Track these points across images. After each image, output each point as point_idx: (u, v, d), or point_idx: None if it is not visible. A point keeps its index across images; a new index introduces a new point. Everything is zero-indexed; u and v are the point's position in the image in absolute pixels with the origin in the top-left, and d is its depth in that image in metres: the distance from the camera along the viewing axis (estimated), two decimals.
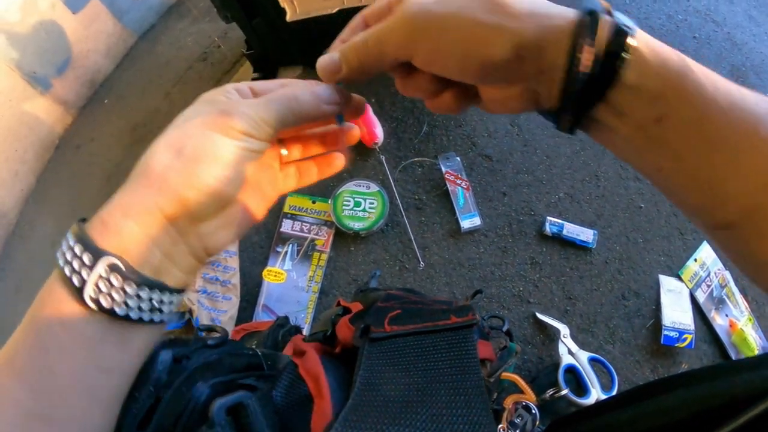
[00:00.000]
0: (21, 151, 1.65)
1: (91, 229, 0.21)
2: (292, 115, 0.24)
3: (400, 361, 0.26)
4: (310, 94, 0.25)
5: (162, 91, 1.60)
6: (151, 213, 0.21)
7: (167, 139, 0.22)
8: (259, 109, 0.23)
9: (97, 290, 0.19)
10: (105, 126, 1.65)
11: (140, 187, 0.21)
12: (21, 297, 1.50)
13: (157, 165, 0.21)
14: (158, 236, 0.21)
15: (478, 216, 1.01)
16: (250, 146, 0.23)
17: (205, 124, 0.22)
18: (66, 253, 0.20)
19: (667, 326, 0.92)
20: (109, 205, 0.22)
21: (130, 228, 0.20)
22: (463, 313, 0.28)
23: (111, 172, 1.54)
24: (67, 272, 0.20)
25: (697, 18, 1.31)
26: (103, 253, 0.19)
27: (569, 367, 0.89)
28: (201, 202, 0.22)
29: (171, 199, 0.21)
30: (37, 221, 1.63)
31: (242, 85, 0.26)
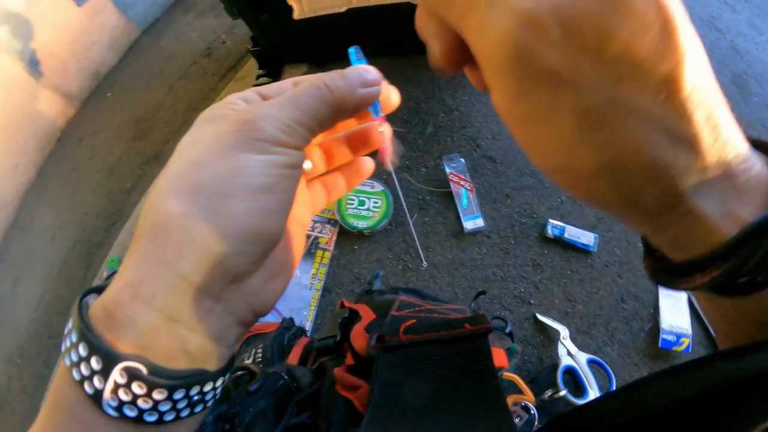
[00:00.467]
0: (22, 143, 1.64)
1: (97, 321, 0.15)
2: (327, 108, 0.18)
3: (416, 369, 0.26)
4: (341, 77, 0.19)
5: (165, 85, 1.60)
6: (173, 288, 0.15)
7: (174, 177, 0.16)
8: (286, 108, 0.17)
9: (117, 399, 0.15)
10: (108, 119, 1.65)
11: (151, 254, 0.15)
12: (20, 289, 1.50)
13: (169, 217, 0.15)
14: (188, 315, 0.15)
15: (482, 217, 1.02)
16: (286, 160, 0.17)
17: (221, 142, 0.16)
18: (71, 351, 0.15)
19: (665, 330, 0.93)
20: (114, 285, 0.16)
21: (145, 315, 0.15)
22: (477, 322, 0.27)
23: (113, 165, 1.54)
24: (76, 376, 0.15)
25: (701, 25, 1.32)
26: (117, 357, 0.14)
27: (568, 368, 0.90)
28: (240, 253, 0.16)
29: (197, 260, 0.15)
30: (37, 213, 1.62)
31: (248, 92, 0.20)
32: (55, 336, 1.34)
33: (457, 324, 0.27)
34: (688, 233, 0.14)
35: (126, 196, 1.46)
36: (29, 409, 1.27)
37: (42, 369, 1.30)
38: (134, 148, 1.54)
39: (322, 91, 0.18)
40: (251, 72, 1.44)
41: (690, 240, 0.14)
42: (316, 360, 0.40)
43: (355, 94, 0.19)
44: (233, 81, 1.48)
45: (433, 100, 1.20)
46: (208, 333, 0.16)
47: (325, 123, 0.19)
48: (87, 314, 0.15)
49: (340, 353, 0.37)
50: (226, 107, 0.18)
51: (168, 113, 1.55)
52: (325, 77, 0.19)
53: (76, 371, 0.15)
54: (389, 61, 1.31)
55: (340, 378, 0.30)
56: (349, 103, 0.19)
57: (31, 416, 1.30)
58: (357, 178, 0.25)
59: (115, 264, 1.30)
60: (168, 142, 1.49)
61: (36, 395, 1.27)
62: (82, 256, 1.43)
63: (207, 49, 1.61)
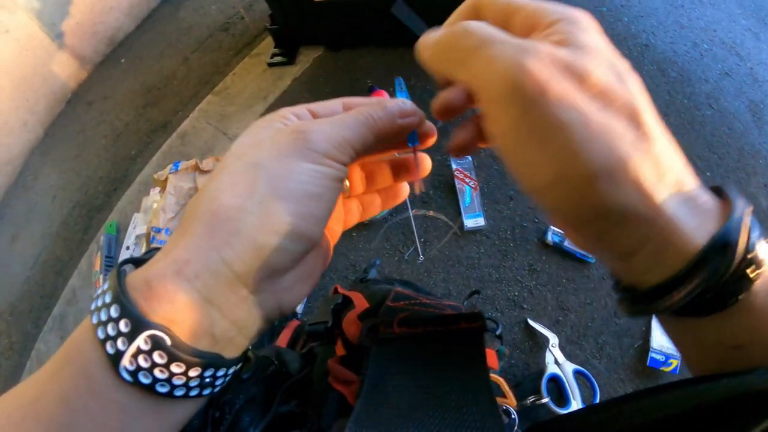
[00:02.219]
0: (32, 102, 1.64)
1: (134, 289, 0.16)
2: (371, 134, 0.20)
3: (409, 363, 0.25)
4: (382, 109, 0.21)
5: (180, 56, 1.60)
6: (216, 272, 0.16)
7: (234, 172, 0.18)
8: (337, 128, 0.19)
9: (135, 363, 0.15)
10: (119, 85, 1.64)
11: (201, 238, 0.16)
12: (17, 247, 1.50)
13: (225, 207, 0.16)
14: (223, 300, 0.16)
15: (483, 217, 1.02)
16: (333, 173, 0.18)
17: (278, 147, 0.18)
18: (101, 310, 0.16)
19: (654, 349, 0.93)
20: (158, 258, 0.17)
21: (185, 292, 0.16)
22: (473, 319, 0.27)
23: (120, 131, 1.54)
24: (101, 335, 0.15)
25: (722, 49, 1.30)
26: (147, 324, 0.15)
27: (553, 376, 0.90)
28: (284, 250, 0.17)
29: (245, 251, 0.16)
30: (41, 173, 1.62)
31: (299, 108, 0.21)
32: (47, 296, 1.34)
33: (453, 320, 0.27)
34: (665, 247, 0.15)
35: (131, 162, 1.46)
36: (14, 366, 1.27)
37: (31, 328, 1.31)
38: (143, 116, 1.54)
39: (368, 118, 0.20)
40: (267, 50, 1.43)
41: (666, 255, 0.15)
42: (306, 344, 0.40)
43: (395, 124, 0.21)
44: (248, 57, 1.47)
45: None
46: (236, 320, 0.17)
47: (369, 147, 0.20)
48: (124, 280, 0.16)
49: (330, 339, 0.36)
50: (279, 120, 0.20)
51: (180, 84, 1.55)
52: (369, 109, 0.21)
53: (102, 330, 0.15)
54: (405, 52, 1.30)
55: (333, 370, 0.30)
56: (389, 131, 0.21)
57: (16, 373, 1.30)
58: (393, 201, 0.27)
59: (113, 229, 1.30)
60: (178, 113, 1.48)
61: (23, 353, 1.27)
62: (82, 218, 1.44)
63: (225, 24, 1.60)
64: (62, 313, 1.28)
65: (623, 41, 1.30)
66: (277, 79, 1.37)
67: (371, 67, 1.31)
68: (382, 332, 0.27)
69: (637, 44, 1.30)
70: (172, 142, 1.40)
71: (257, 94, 1.38)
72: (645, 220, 0.15)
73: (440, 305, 0.34)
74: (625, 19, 1.34)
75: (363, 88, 1.24)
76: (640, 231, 0.15)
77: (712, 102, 1.21)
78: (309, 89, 1.34)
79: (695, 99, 1.21)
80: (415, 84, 1.25)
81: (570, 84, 0.15)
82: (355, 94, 1.07)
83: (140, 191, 1.35)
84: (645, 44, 1.30)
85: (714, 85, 1.23)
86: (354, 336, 0.32)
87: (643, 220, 0.15)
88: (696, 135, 1.16)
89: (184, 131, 1.41)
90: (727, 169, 1.11)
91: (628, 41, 1.30)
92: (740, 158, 1.12)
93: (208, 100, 1.44)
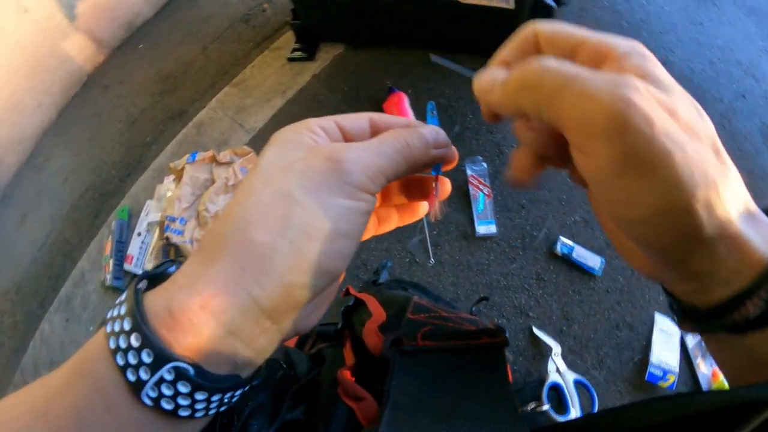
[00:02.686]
0: (48, 83, 1.64)
1: (155, 317, 0.16)
2: (405, 164, 0.19)
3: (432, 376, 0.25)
4: (418, 137, 0.20)
5: (199, 45, 1.60)
6: (242, 308, 0.16)
7: (265, 203, 0.17)
8: (373, 156, 0.18)
9: (157, 391, 0.15)
10: (136, 71, 1.64)
11: (228, 273, 0.16)
12: (26, 227, 1.51)
13: (256, 244, 0.16)
14: (247, 332, 0.16)
15: (495, 224, 1.03)
16: (366, 207, 0.18)
17: (311, 178, 0.17)
18: (119, 337, 0.15)
19: (653, 364, 0.95)
20: (180, 284, 0.16)
21: (210, 328, 0.16)
22: (495, 335, 0.27)
23: (135, 117, 1.54)
24: (120, 361, 0.15)
25: (738, 70, 1.31)
26: (170, 357, 0.15)
27: (554, 384, 0.91)
28: (310, 286, 0.17)
29: (273, 289, 0.16)
30: (53, 154, 1.63)
31: (328, 122, 0.20)
32: (54, 277, 1.35)
33: (476, 335, 0.27)
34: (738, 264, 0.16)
35: (145, 149, 1.47)
36: (18, 346, 1.28)
37: (37, 309, 1.32)
38: (159, 103, 1.54)
39: (404, 147, 0.19)
40: (287, 44, 1.43)
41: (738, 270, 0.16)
42: (315, 345, 0.40)
43: (429, 154, 0.21)
44: (268, 50, 1.47)
45: (465, 100, 1.21)
46: (258, 348, 0.17)
47: (400, 175, 0.20)
48: (143, 304, 0.16)
49: (339, 341, 0.36)
50: (308, 135, 0.19)
51: (198, 73, 1.55)
52: (405, 134, 0.20)
53: (121, 357, 0.15)
54: (425, 54, 1.31)
55: (343, 384, 0.29)
56: (422, 161, 0.20)
57: (19, 352, 1.31)
58: (410, 217, 0.26)
59: (125, 215, 1.31)
60: (194, 102, 1.49)
61: (27, 333, 1.28)
62: (93, 202, 1.44)
63: (245, 15, 1.60)
64: (69, 294, 1.29)
65: None
66: (297, 74, 1.38)
67: (391, 68, 1.31)
68: (406, 344, 0.27)
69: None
70: (188, 131, 1.41)
71: (276, 88, 1.38)
72: (728, 239, 0.16)
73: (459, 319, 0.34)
74: (645, 35, 1.35)
75: (382, 88, 1.25)
76: (721, 251, 0.16)
77: (725, 122, 1.22)
78: (328, 86, 1.34)
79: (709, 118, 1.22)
80: (434, 87, 1.26)
81: (666, 112, 0.15)
82: (373, 94, 1.09)
83: (154, 178, 1.36)
84: (663, 60, 1.29)
85: (728, 105, 1.24)
86: (375, 347, 0.32)
87: (727, 239, 0.16)
88: None
89: (201, 121, 1.41)
90: None
91: None
92: (749, 180, 1.10)
93: (225, 91, 1.44)
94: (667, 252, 0.17)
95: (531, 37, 0.19)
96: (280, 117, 1.34)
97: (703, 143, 0.16)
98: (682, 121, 0.16)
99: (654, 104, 0.15)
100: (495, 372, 0.25)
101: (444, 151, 0.22)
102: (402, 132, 0.20)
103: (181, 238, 1.09)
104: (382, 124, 0.21)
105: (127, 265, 1.21)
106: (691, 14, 1.40)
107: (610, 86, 0.15)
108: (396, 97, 1.17)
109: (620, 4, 1.41)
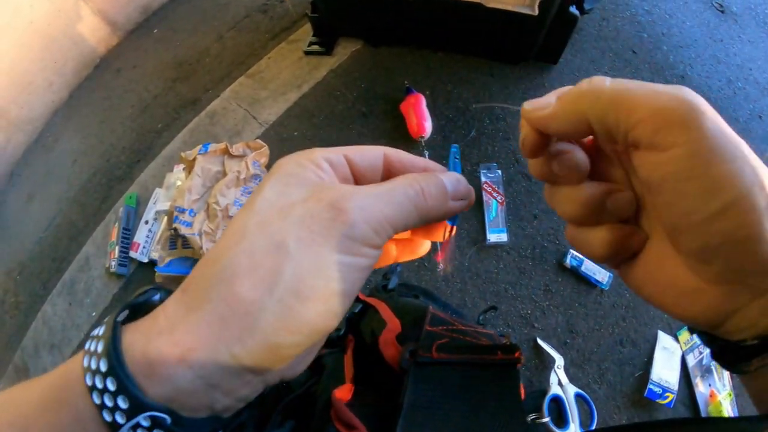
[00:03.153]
0: (60, 63, 1.63)
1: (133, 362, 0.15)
2: (416, 215, 0.18)
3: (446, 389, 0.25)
4: (437, 186, 0.18)
5: (215, 33, 1.58)
6: (222, 365, 0.15)
7: (254, 251, 0.15)
8: (381, 205, 0.16)
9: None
10: (150, 56, 1.63)
11: (210, 327, 0.15)
12: (32, 207, 1.50)
13: (240, 300, 0.15)
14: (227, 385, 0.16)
15: (506, 232, 1.02)
16: (368, 263, 0.17)
17: (310, 229, 0.15)
18: (96, 376, 0.15)
19: (653, 381, 0.95)
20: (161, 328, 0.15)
21: (188, 381, 0.15)
22: (509, 351, 0.27)
23: (148, 102, 1.53)
24: (96, 400, 0.14)
25: (756, 89, 1.30)
26: (147, 406, 0.14)
27: (555, 397, 0.91)
28: (296, 345, 0.16)
29: (256, 349, 0.15)
30: (62, 135, 1.62)
31: (336, 155, 0.18)
32: (59, 259, 1.35)
33: (490, 350, 0.27)
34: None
35: (156, 135, 1.46)
36: (19, 325, 1.28)
37: (39, 289, 1.32)
38: (172, 90, 1.52)
39: (419, 197, 0.18)
40: (304, 37, 1.42)
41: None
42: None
43: (446, 206, 0.19)
44: (285, 43, 1.45)
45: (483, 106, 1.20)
46: (239, 397, 0.17)
47: (410, 227, 0.18)
48: (120, 343, 0.15)
49: (341, 347, 0.36)
50: (312, 170, 0.17)
51: (213, 61, 1.53)
52: (422, 181, 0.18)
53: (98, 396, 0.14)
54: (445, 56, 1.30)
55: (337, 409, 0.29)
56: (437, 213, 0.18)
57: (20, 332, 1.31)
58: (410, 255, 0.24)
59: (132, 202, 1.30)
60: (208, 91, 1.47)
61: (29, 313, 1.28)
62: (101, 186, 1.44)
63: (264, 5, 1.58)
64: (73, 278, 1.29)
65: (661, 70, 1.30)
66: (313, 69, 1.36)
67: (409, 68, 1.30)
68: (421, 356, 0.27)
69: (674, 74, 1.30)
70: (201, 120, 1.40)
71: (291, 81, 1.37)
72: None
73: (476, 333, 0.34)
74: (665, 48, 1.34)
75: (399, 88, 1.24)
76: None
77: None
78: (344, 83, 1.33)
79: None
80: (452, 90, 1.25)
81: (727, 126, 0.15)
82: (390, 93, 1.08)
83: (164, 166, 1.35)
84: (681, 75, 1.30)
85: (743, 125, 1.24)
86: (392, 357, 0.32)
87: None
88: None
89: (214, 111, 1.40)
90: None
91: (665, 71, 1.30)
92: None
93: (240, 81, 1.42)
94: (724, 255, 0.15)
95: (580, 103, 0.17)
96: (295, 111, 1.32)
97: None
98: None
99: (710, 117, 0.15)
100: (507, 389, 0.25)
101: (462, 203, 0.19)
102: (418, 178, 0.18)
103: (189, 230, 1.09)
104: (397, 164, 0.19)
105: (133, 253, 1.21)
106: (712, 30, 1.39)
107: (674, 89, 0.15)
108: (413, 98, 1.16)
109: (642, 16, 1.39)
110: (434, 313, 0.35)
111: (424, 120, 1.08)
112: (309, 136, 1.28)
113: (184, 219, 1.10)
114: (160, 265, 1.13)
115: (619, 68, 1.29)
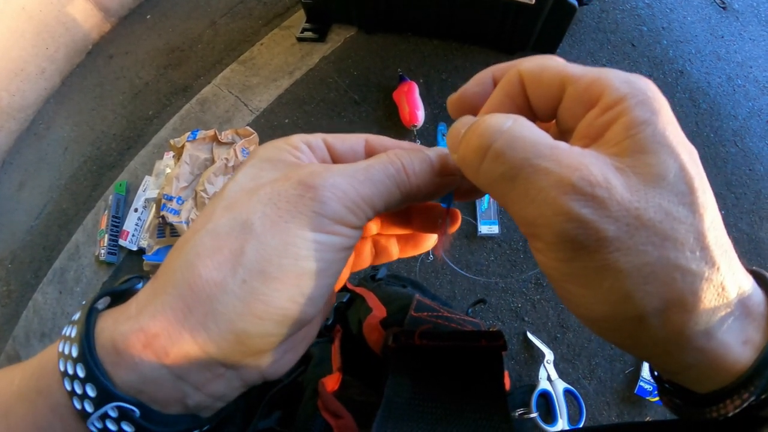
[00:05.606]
0: (52, 50, 1.60)
1: (102, 349, 0.14)
2: (399, 192, 0.16)
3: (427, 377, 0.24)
4: (421, 161, 0.17)
5: (208, 18, 1.56)
6: (186, 352, 0.14)
7: (219, 232, 0.14)
8: (357, 183, 0.15)
9: (102, 424, 0.14)
10: (143, 42, 1.61)
11: (173, 311, 0.14)
12: (23, 195, 1.49)
13: (202, 281, 0.14)
14: (195, 378, 0.15)
15: (498, 224, 1.01)
16: (342, 242, 0.15)
17: (276, 207, 0.14)
18: (67, 362, 0.14)
19: (644, 378, 0.94)
20: (129, 316, 0.15)
21: (152, 368, 0.14)
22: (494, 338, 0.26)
23: (139, 89, 1.51)
24: (67, 386, 0.14)
25: (756, 88, 1.29)
26: (113, 396, 0.14)
27: (544, 392, 0.91)
28: (267, 334, 0.15)
29: (219, 335, 0.14)
30: (54, 122, 1.60)
31: (315, 139, 0.17)
32: (50, 247, 1.34)
33: (473, 337, 0.26)
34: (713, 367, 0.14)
35: (147, 123, 1.44)
36: (10, 314, 1.28)
37: (31, 278, 1.31)
38: (164, 76, 1.51)
39: (400, 174, 0.16)
40: (297, 23, 1.40)
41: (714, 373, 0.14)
42: None
43: (433, 183, 0.17)
44: (278, 29, 1.43)
45: None
46: (212, 393, 0.16)
47: (393, 206, 0.17)
48: (93, 330, 0.14)
49: (329, 337, 0.36)
50: (289, 151, 0.17)
51: (205, 48, 1.51)
52: (404, 157, 0.17)
53: (68, 383, 0.14)
54: (440, 44, 1.28)
55: (324, 398, 0.28)
56: (424, 190, 0.17)
57: (12, 321, 1.30)
58: (412, 250, 0.23)
59: (122, 189, 1.29)
60: (199, 78, 1.45)
61: (20, 302, 1.27)
62: (92, 174, 1.42)
63: None
64: (63, 267, 1.28)
65: (659, 65, 1.28)
66: (306, 55, 1.34)
67: (404, 56, 1.28)
68: (403, 342, 0.26)
69: (673, 69, 1.28)
70: (191, 107, 1.38)
71: (283, 68, 1.35)
72: (696, 349, 0.13)
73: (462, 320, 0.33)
74: (664, 42, 1.32)
75: (393, 76, 1.22)
76: (690, 357, 0.14)
77: (738, 140, 1.20)
78: (337, 70, 1.31)
79: (721, 134, 1.20)
80: (447, 79, 1.23)
81: (625, 222, 0.13)
82: (383, 81, 1.06)
83: (154, 153, 1.34)
84: (680, 71, 1.28)
85: (742, 123, 1.22)
86: (376, 342, 0.31)
87: (694, 349, 0.13)
88: (717, 171, 1.15)
89: (205, 97, 1.38)
90: (741, 210, 1.10)
91: (664, 65, 1.28)
92: (756, 201, 1.11)
93: (232, 68, 1.40)
94: (625, 349, 0.15)
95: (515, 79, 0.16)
96: (286, 98, 1.31)
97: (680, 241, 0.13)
98: (651, 222, 0.13)
99: (606, 212, 0.13)
100: (491, 377, 0.24)
101: (452, 179, 0.18)
102: (400, 154, 0.17)
103: (177, 218, 1.08)
104: (380, 148, 0.18)
105: (122, 241, 1.20)
106: (714, 26, 1.37)
107: (556, 191, 0.13)
108: (406, 86, 1.14)
109: (642, 9, 1.37)
110: (420, 299, 0.34)
111: (416, 109, 1.07)
112: (300, 123, 1.26)
113: (172, 207, 1.08)
114: (148, 254, 1.12)
115: (618, 61, 1.27)
